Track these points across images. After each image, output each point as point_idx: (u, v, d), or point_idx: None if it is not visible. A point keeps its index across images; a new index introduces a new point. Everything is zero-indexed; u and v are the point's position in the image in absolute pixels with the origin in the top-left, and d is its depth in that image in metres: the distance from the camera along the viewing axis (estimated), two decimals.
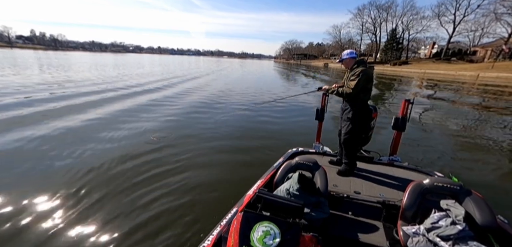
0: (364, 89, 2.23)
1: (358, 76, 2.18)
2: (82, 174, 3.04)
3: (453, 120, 7.01)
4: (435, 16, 45.67)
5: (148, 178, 3.02)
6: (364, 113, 2.34)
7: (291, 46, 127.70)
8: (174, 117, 6.05)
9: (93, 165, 3.26)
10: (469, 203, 1.38)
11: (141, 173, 3.12)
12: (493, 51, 36.41)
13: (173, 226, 2.24)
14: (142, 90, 10.20)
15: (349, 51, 2.38)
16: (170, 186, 2.88)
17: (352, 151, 2.34)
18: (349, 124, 2.33)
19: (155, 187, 2.83)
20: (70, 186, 2.77)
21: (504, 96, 12.45)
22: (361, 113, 2.31)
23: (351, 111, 2.32)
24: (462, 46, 46.51)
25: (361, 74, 2.17)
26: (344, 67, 2.43)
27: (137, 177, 3.02)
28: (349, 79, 2.29)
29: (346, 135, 2.35)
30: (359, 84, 2.18)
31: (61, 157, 3.51)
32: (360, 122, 2.32)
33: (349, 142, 2.34)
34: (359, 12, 59.19)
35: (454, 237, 1.18)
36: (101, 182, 2.91)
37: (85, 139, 4.22)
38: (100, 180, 2.94)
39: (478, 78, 24.30)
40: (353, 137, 2.33)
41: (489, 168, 3.81)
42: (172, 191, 2.79)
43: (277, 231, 1.05)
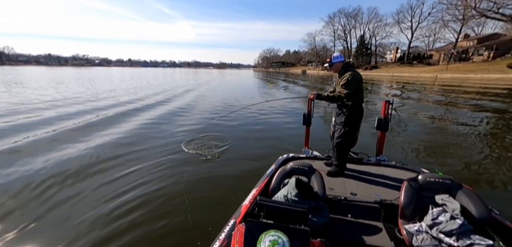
0: (355, 92, 2.30)
1: (349, 80, 2.25)
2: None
3: (422, 118, 7.79)
4: (396, 23, 51.93)
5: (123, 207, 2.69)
6: (357, 116, 2.41)
7: (269, 55, 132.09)
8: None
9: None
10: (462, 196, 1.47)
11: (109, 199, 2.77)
12: (445, 54, 42.26)
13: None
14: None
15: (337, 55, 2.45)
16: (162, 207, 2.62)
17: (344, 154, 2.40)
18: (342, 128, 2.39)
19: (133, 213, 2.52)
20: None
21: (460, 94, 14.37)
22: (354, 116, 2.38)
23: (344, 115, 2.38)
24: (421, 50, 53.14)
25: (352, 78, 2.26)
26: (333, 71, 2.49)
27: (103, 199, 2.67)
28: (340, 84, 2.35)
29: (338, 138, 2.40)
30: (352, 86, 2.25)
31: None
32: (353, 125, 2.38)
33: (341, 145, 2.39)
34: (330, 20, 64.42)
35: (457, 232, 1.23)
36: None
37: None
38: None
39: (437, 79, 27.80)
40: (346, 141, 2.38)
41: (460, 161, 4.25)
42: (167, 212, 2.53)
43: (285, 239, 0.99)
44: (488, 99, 11.51)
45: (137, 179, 3.28)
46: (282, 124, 6.68)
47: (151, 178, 3.33)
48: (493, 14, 27.90)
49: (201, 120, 6.99)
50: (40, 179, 3.24)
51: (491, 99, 11.49)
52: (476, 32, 44.06)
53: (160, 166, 3.71)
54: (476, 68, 29.87)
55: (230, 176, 3.47)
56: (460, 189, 1.50)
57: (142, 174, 3.44)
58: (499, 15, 27.25)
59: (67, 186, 3.10)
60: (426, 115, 8.21)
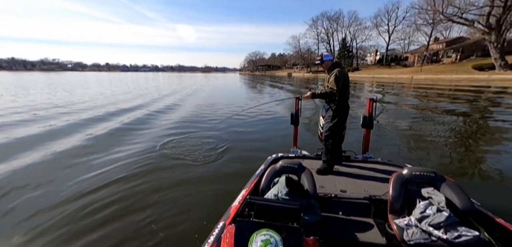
0: (342, 88, 2.41)
1: (337, 76, 2.37)
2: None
3: (402, 117, 8.27)
4: (374, 26, 55.36)
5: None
6: (343, 111, 2.50)
7: (255, 58, 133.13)
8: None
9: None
10: (446, 188, 1.53)
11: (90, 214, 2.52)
12: (419, 56, 45.76)
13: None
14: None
15: (328, 54, 2.61)
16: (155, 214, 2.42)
17: (332, 149, 2.46)
18: (329, 122, 2.48)
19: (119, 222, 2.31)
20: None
21: (434, 94, 15.58)
22: (341, 111, 2.47)
23: (331, 110, 2.48)
24: (397, 52, 57.08)
25: (339, 74, 2.38)
26: (323, 68, 2.61)
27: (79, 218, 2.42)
28: (328, 80, 2.46)
29: (326, 132, 2.49)
30: (339, 82, 2.37)
31: None
32: (340, 119, 2.47)
33: (329, 138, 2.47)
34: (313, 23, 66.84)
35: (444, 225, 1.27)
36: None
37: None
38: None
39: (413, 80, 29.93)
40: (333, 135, 2.47)
41: (439, 155, 4.54)
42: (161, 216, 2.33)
43: (278, 239, 0.98)
44: (459, 98, 12.60)
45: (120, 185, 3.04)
46: (270, 125, 6.70)
47: (139, 184, 3.11)
48: (457, 19, 30.78)
49: (185, 125, 6.76)
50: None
51: (461, 98, 12.59)
52: (445, 35, 48.40)
53: (143, 172, 3.49)
54: (446, 69, 32.71)
55: (218, 179, 3.38)
56: (443, 181, 1.57)
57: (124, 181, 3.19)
58: (463, 19, 30.14)
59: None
60: (404, 114, 8.73)
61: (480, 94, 14.14)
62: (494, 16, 26.27)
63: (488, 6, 26.34)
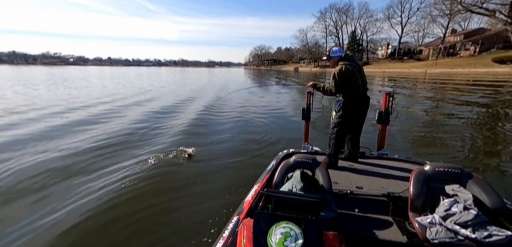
0: (344, 84, 2.37)
1: (335, 74, 2.36)
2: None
3: (416, 111, 8.05)
4: (386, 18, 53.83)
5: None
6: (353, 107, 2.45)
7: (260, 52, 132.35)
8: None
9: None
10: (473, 186, 1.47)
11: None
12: (434, 49, 44.28)
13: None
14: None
15: (336, 49, 2.54)
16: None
17: (338, 144, 2.46)
18: (338, 117, 2.48)
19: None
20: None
21: (450, 88, 15.08)
22: (348, 107, 2.44)
23: (340, 103, 2.48)
24: (411, 46, 55.41)
25: (338, 71, 2.35)
26: (331, 65, 2.56)
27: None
28: (330, 80, 2.46)
29: (334, 127, 2.49)
30: (336, 82, 2.36)
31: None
32: (347, 115, 2.44)
33: (335, 135, 2.47)
34: (322, 16, 65.67)
35: (472, 223, 1.22)
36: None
37: None
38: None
39: (427, 74, 29.03)
40: (340, 130, 2.46)
41: (460, 152, 4.40)
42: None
43: (298, 231, 0.97)
44: (477, 92, 12.13)
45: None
46: (280, 122, 6.67)
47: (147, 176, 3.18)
48: (477, 9, 29.48)
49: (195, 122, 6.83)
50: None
51: (480, 92, 12.11)
52: (463, 27, 46.56)
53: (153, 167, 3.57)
54: (464, 63, 31.54)
55: (230, 174, 3.41)
56: (470, 178, 1.51)
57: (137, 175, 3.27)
58: (483, 9, 28.84)
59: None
60: (419, 109, 8.50)
61: (500, 88, 13.59)
62: None
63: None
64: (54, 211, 2.58)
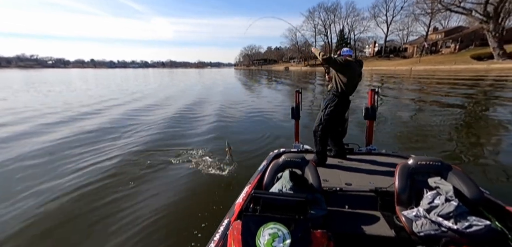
0: (342, 75, 2.43)
1: (339, 60, 2.40)
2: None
3: (402, 108, 8.37)
4: (372, 17, 55.53)
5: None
6: (337, 103, 2.50)
7: (250, 52, 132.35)
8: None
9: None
10: (453, 178, 1.54)
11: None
12: (417, 47, 46.24)
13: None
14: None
15: (347, 49, 2.61)
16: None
17: (322, 140, 2.52)
18: (322, 111, 2.55)
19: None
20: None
21: (433, 84, 15.82)
22: (333, 103, 2.50)
23: (328, 99, 2.54)
24: (396, 44, 57.49)
25: (343, 61, 2.41)
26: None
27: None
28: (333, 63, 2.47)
29: (316, 122, 2.57)
30: (336, 62, 2.40)
31: None
32: (331, 111, 2.50)
33: (320, 130, 2.52)
34: (310, 15, 66.65)
35: (454, 214, 1.27)
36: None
37: None
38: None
39: (412, 71, 30.27)
40: (322, 125, 2.51)
41: (443, 145, 4.61)
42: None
43: (285, 232, 1.00)
44: (458, 88, 12.81)
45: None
46: (270, 121, 6.69)
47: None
48: (456, 8, 31.21)
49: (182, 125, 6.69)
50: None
51: (461, 88, 12.80)
52: (443, 25, 48.91)
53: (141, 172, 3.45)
54: (445, 60, 33.21)
55: (218, 177, 3.35)
56: (450, 170, 1.58)
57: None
58: (461, 8, 30.57)
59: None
60: (406, 105, 8.84)
61: (479, 82, 14.44)
62: (491, 4, 26.69)
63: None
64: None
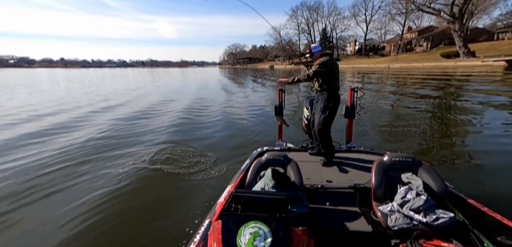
0: (328, 76, 2.47)
1: (319, 65, 2.43)
2: None
3: (380, 105, 8.83)
4: (352, 16, 57.96)
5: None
6: (335, 101, 2.55)
7: (235, 51, 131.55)
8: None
9: None
10: (423, 173, 1.64)
11: None
12: (394, 45, 49.17)
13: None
14: None
15: (316, 45, 2.64)
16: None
17: (328, 138, 2.55)
18: (321, 113, 2.52)
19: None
20: None
21: (409, 81, 16.90)
22: (331, 101, 2.53)
23: (322, 100, 2.52)
24: (375, 42, 60.66)
25: (322, 62, 2.43)
26: (314, 61, 2.66)
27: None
28: (311, 67, 2.52)
29: (319, 125, 2.53)
30: (319, 70, 2.43)
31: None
32: (331, 110, 2.53)
33: (323, 131, 2.52)
34: (293, 13, 67.85)
35: (423, 208, 1.36)
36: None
37: None
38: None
39: (389, 69, 32.11)
40: (325, 126, 2.53)
41: (416, 140, 4.93)
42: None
43: (266, 230, 1.00)
44: (430, 85, 13.83)
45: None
46: (254, 119, 6.69)
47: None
48: (427, 8, 33.70)
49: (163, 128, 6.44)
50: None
51: (432, 85, 13.83)
52: (417, 24, 52.49)
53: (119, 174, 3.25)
54: (419, 58, 35.69)
55: (200, 178, 3.28)
56: (420, 166, 1.68)
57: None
58: (431, 9, 33.05)
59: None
60: (384, 102, 9.34)
61: (448, 79, 15.71)
62: (457, 6, 29.16)
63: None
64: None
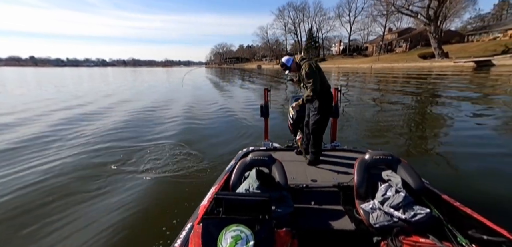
0: (320, 78, 2.48)
1: (308, 73, 2.41)
2: None
3: (363, 104, 9.18)
4: (337, 16, 59.80)
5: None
6: (329, 101, 2.57)
7: (221, 50, 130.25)
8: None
9: None
10: (401, 170, 1.70)
11: None
12: (376, 46, 51.45)
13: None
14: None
15: (287, 58, 2.62)
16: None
17: (320, 139, 2.57)
18: (316, 113, 2.51)
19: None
20: None
21: (390, 81, 17.77)
22: (326, 101, 2.54)
23: (317, 100, 2.52)
24: (358, 43, 63.02)
25: (309, 68, 2.41)
26: (293, 73, 2.66)
27: None
28: (304, 79, 2.48)
29: (314, 125, 2.53)
30: (313, 76, 2.40)
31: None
32: (325, 110, 2.54)
33: (317, 131, 2.53)
34: (280, 13, 68.63)
35: (402, 205, 1.40)
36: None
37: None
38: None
39: (372, 69, 33.55)
40: (321, 126, 2.54)
41: (396, 138, 5.17)
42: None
43: (248, 233, 0.98)
44: (409, 84, 14.64)
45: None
46: (242, 119, 6.65)
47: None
48: (405, 11, 35.70)
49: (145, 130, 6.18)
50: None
51: (411, 84, 14.65)
52: (396, 26, 55.35)
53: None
54: (399, 58, 37.66)
55: (185, 181, 3.17)
56: (399, 163, 1.74)
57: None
58: (409, 11, 35.06)
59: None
60: (368, 101, 9.71)
61: (425, 78, 16.73)
62: (432, 9, 31.18)
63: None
64: None
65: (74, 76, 34.90)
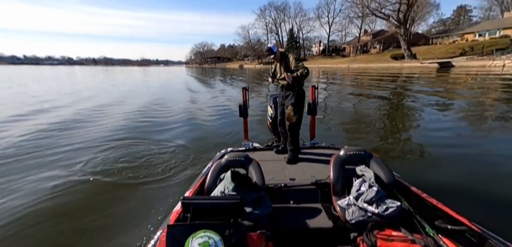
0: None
1: (298, 59, 2.48)
2: None
3: (341, 102, 9.59)
4: (317, 17, 61.91)
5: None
6: (303, 97, 2.60)
7: (202, 49, 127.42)
8: None
9: None
10: (374, 164, 1.75)
11: None
12: (353, 47, 54.24)
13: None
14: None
15: (273, 45, 2.67)
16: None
17: (297, 137, 2.58)
18: (296, 111, 2.53)
19: None
20: None
21: (366, 80, 18.84)
22: (302, 98, 2.57)
23: (293, 96, 2.51)
24: (337, 43, 65.86)
25: (297, 57, 2.51)
26: (276, 61, 2.67)
27: None
28: (294, 66, 2.48)
29: (294, 123, 2.54)
30: (302, 69, 2.45)
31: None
32: (302, 106, 2.57)
33: (295, 127, 2.53)
34: (262, 13, 69.25)
35: (375, 199, 1.43)
36: None
37: None
38: None
39: (349, 69, 35.32)
40: (298, 122, 2.55)
41: (370, 134, 5.44)
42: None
43: (217, 239, 0.93)
44: (383, 83, 15.64)
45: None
46: (221, 120, 6.50)
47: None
48: (378, 13, 38.22)
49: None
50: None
51: (385, 83, 15.67)
52: (371, 28, 58.92)
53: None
54: (373, 59, 40.14)
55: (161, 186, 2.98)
56: (371, 158, 1.80)
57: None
58: (382, 14, 37.59)
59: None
60: (345, 99, 10.17)
61: (397, 78, 18.04)
62: (402, 12, 33.79)
63: (398, 3, 33.80)
64: None
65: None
